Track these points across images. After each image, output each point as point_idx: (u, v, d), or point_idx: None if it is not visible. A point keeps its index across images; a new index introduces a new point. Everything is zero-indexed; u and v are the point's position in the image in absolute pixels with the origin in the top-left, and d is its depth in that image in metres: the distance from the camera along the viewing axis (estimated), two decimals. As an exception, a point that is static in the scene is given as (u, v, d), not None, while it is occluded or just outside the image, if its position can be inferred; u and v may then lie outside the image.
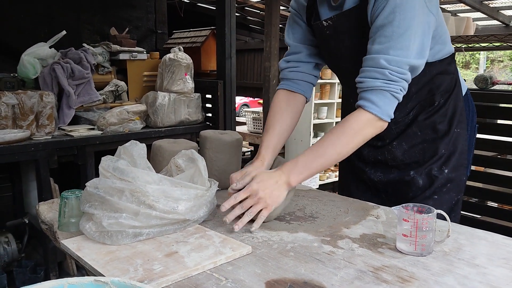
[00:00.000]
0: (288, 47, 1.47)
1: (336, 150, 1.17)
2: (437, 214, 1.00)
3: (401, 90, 1.17)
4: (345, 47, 1.32)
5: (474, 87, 2.35)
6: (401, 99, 1.18)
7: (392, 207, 1.04)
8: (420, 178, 1.35)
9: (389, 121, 1.19)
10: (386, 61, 1.13)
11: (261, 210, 1.12)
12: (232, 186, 1.18)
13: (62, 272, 2.89)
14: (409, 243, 0.98)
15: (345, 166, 1.61)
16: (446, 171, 1.34)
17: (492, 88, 2.30)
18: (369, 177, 1.47)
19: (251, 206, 1.12)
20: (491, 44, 2.49)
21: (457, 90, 1.37)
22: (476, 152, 2.37)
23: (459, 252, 1.00)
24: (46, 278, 2.79)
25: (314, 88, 1.43)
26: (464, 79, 1.47)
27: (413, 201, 1.33)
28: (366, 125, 1.17)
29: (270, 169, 1.28)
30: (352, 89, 1.39)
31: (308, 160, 1.17)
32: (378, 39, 1.15)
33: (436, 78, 1.32)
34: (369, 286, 0.85)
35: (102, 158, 1.09)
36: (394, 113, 1.20)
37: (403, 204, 1.02)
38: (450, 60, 1.35)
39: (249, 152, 5.93)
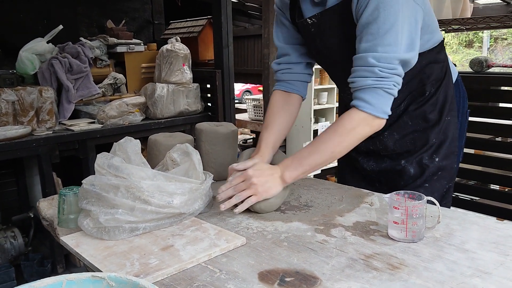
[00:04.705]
0: (277, 49, 1.47)
1: (330, 149, 1.18)
2: (429, 200, 1.02)
3: (394, 86, 1.16)
4: (331, 43, 1.31)
5: (469, 69, 2.35)
6: (396, 94, 1.18)
7: (384, 195, 1.05)
8: (411, 167, 1.37)
9: (387, 117, 1.19)
10: (374, 59, 1.13)
11: (250, 197, 1.16)
12: (233, 165, 1.22)
13: (69, 264, 2.94)
14: (400, 230, 1.00)
15: (342, 157, 1.62)
16: (437, 159, 1.35)
17: (488, 70, 2.29)
18: (362, 166, 1.49)
19: (243, 190, 1.16)
20: (488, 25, 2.47)
21: (448, 78, 1.37)
22: (477, 135, 2.38)
23: (450, 238, 1.02)
24: (53, 270, 2.85)
25: (308, 84, 1.48)
26: (455, 64, 1.46)
27: (405, 190, 1.34)
28: (360, 124, 1.18)
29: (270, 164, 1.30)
30: (341, 84, 1.40)
31: (302, 157, 1.20)
32: (365, 37, 1.14)
33: (426, 68, 1.32)
34: (359, 274, 0.87)
35: (98, 156, 1.11)
36: None
37: (394, 192, 1.04)
38: (439, 48, 1.34)
39: (251, 140, 5.94)
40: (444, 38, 1.37)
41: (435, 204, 1.02)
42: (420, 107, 1.35)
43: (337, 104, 4.82)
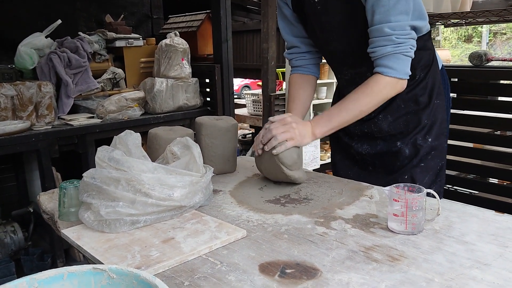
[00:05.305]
0: (286, 42, 1.59)
1: (358, 108, 1.31)
2: (429, 193, 1.02)
3: (411, 48, 1.28)
4: (336, 21, 1.38)
5: (470, 64, 2.34)
6: (413, 55, 1.30)
7: (383, 188, 1.06)
8: (406, 148, 1.45)
9: (408, 78, 1.31)
10: (390, 28, 1.24)
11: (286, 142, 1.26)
12: (270, 118, 1.31)
13: (69, 259, 2.95)
14: (400, 223, 1.01)
15: (333, 144, 1.69)
16: (429, 139, 1.44)
17: (487, 64, 2.29)
18: (356, 150, 1.55)
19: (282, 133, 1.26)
20: (488, 19, 2.46)
21: (435, 65, 1.47)
22: (476, 129, 2.38)
23: (449, 230, 1.02)
24: (53, 265, 2.85)
25: (320, 65, 1.64)
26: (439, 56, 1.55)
27: (402, 170, 1.44)
28: (386, 87, 1.30)
29: None
30: (339, 66, 1.52)
31: (332, 115, 1.32)
32: (377, 9, 1.25)
33: (416, 53, 1.39)
34: (359, 266, 0.87)
35: (98, 149, 1.11)
36: None
37: (394, 184, 1.04)
38: (427, 37, 1.44)
39: (250, 135, 5.94)
40: (431, 30, 1.48)
41: (435, 197, 1.03)
42: (412, 91, 1.43)
43: (336, 99, 4.81)
